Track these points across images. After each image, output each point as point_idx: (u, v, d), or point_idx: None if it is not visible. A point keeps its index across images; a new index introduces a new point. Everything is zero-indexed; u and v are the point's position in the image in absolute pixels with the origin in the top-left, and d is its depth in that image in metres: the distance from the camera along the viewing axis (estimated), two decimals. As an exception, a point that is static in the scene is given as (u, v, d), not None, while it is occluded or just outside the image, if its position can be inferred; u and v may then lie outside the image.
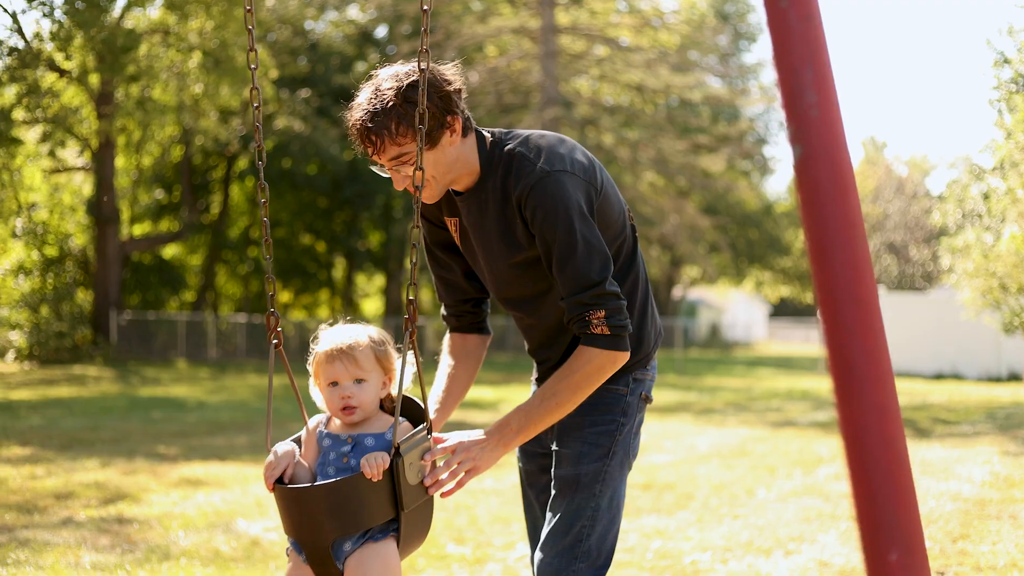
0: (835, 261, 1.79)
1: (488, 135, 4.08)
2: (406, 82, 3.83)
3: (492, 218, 4.06)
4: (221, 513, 9.94)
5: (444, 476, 3.85)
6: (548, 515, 4.15)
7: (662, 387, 29.87)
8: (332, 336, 3.96)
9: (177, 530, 9.09)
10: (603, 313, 3.86)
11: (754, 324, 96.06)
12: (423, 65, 3.53)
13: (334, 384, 3.89)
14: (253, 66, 3.92)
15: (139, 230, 51.32)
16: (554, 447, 4.21)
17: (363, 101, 3.87)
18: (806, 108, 1.83)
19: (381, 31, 51.88)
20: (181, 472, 12.52)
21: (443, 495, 3.87)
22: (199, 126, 38.16)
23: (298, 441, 3.99)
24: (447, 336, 4.51)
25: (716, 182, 48.51)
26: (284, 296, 57.62)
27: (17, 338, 38.81)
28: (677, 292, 78.51)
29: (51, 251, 40.82)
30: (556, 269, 3.91)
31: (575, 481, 4.09)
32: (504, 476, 11.91)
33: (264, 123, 44.37)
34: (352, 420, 3.88)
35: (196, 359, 42.60)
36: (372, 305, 63.61)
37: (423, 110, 3.64)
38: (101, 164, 39.90)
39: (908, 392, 27.08)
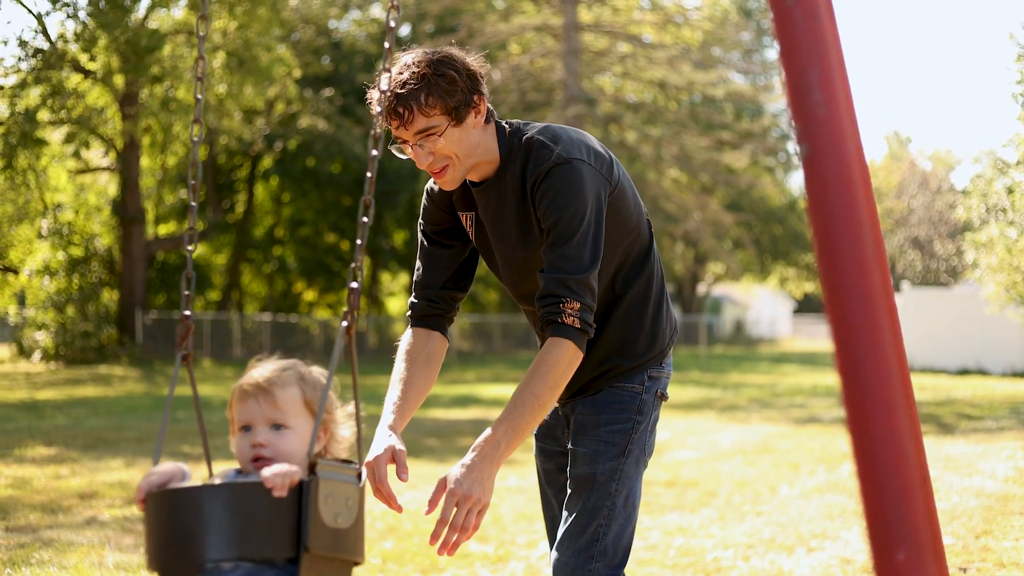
0: (842, 258, 1.79)
1: (507, 125, 4.07)
2: (437, 57, 3.85)
3: (511, 208, 4.05)
4: (244, 512, 9.95)
5: (450, 532, 3.60)
6: (564, 514, 4.14)
7: (686, 384, 29.85)
8: (254, 370, 3.14)
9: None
10: (578, 305, 3.79)
11: (779, 320, 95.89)
12: (388, 66, 3.44)
13: (246, 429, 3.05)
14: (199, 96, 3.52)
15: (164, 230, 51.45)
16: (570, 446, 4.20)
17: (393, 73, 3.84)
18: (813, 106, 1.83)
19: (404, 29, 51.90)
20: (204, 472, 12.52)
21: (451, 549, 3.60)
22: (223, 126, 38.26)
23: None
24: (408, 333, 4.33)
25: (740, 178, 48.42)
26: (309, 295, 57.73)
27: (43, 338, 38.98)
28: (701, 289, 78.42)
29: (77, 251, 40.93)
30: (550, 243, 3.85)
31: (591, 480, 4.07)
32: (528, 474, 11.93)
33: (288, 122, 44.79)
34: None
35: (221, 358, 42.71)
36: (397, 303, 63.64)
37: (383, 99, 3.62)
38: (126, 164, 40.03)
39: (932, 388, 27.00)
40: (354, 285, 2.98)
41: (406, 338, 4.31)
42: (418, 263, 4.36)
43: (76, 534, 8.86)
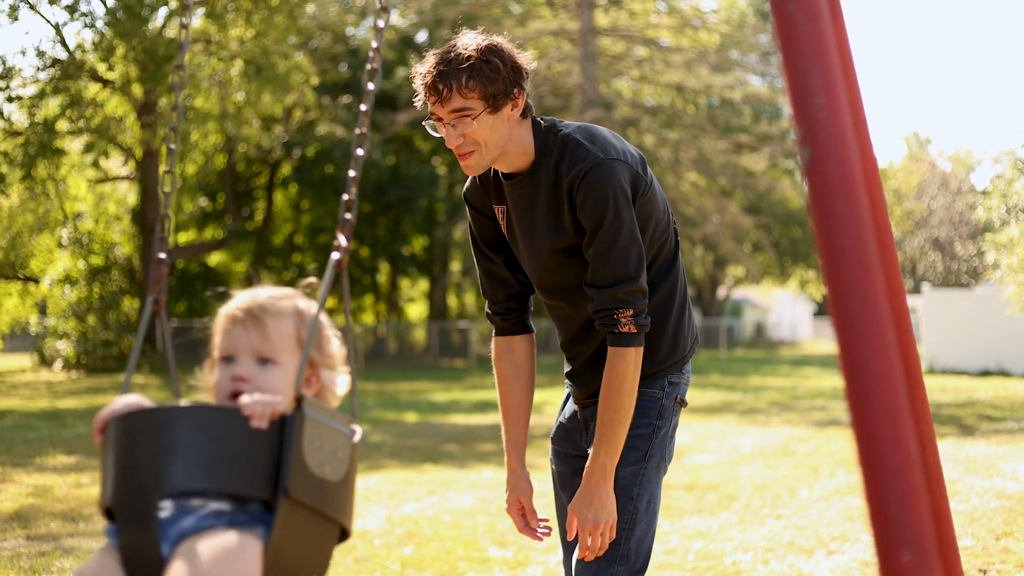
0: (845, 261, 1.80)
1: (543, 122, 4.11)
2: (486, 44, 3.91)
3: (542, 203, 4.09)
4: (264, 519, 9.98)
5: (591, 555, 3.97)
6: None
7: (706, 387, 29.82)
8: (242, 295, 2.78)
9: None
10: (631, 311, 3.91)
11: (799, 323, 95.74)
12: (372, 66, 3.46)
13: (228, 359, 2.69)
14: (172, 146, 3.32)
15: (184, 238, 51.59)
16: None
17: (440, 52, 3.94)
18: (815, 110, 1.84)
19: (421, 36, 51.95)
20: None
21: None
22: (241, 134, 38.31)
23: None
24: (494, 343, 4.50)
25: (758, 181, 48.32)
26: (329, 302, 57.77)
27: (64, 347, 39.11)
28: (721, 292, 78.34)
29: (97, 260, 41.07)
30: (595, 256, 3.94)
31: (613, 483, 4.09)
32: (547, 478, 11.91)
33: (306, 129, 44.88)
34: None
35: (243, 365, 42.76)
36: (417, 309, 63.75)
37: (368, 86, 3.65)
38: (145, 173, 40.14)
39: (953, 389, 26.93)
40: (348, 216, 2.77)
41: (493, 350, 4.52)
42: (479, 272, 4.47)
43: (97, 542, 8.89)
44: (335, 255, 2.68)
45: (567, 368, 4.44)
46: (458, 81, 3.84)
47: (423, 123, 4.06)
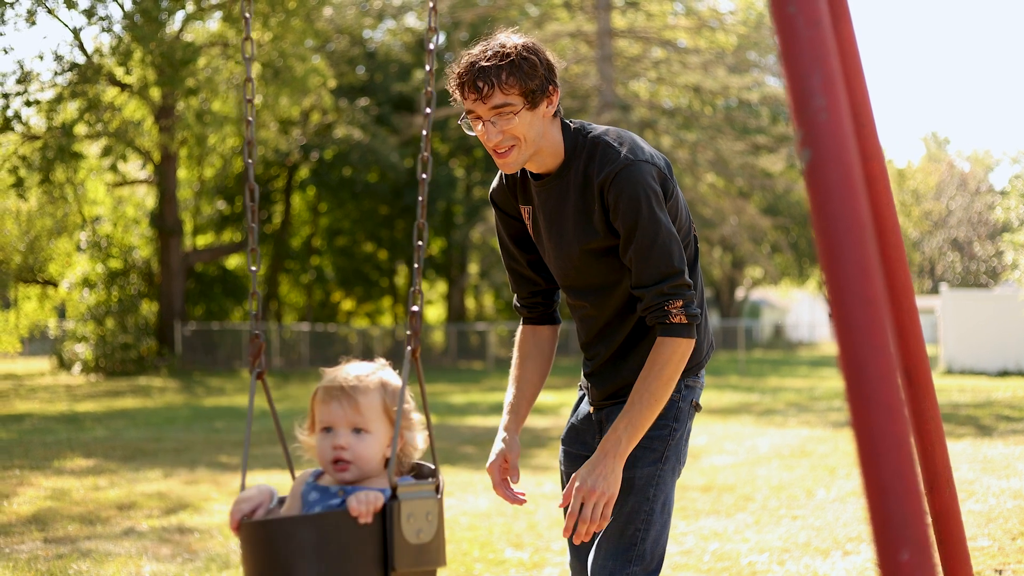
0: (845, 262, 1.81)
1: (572, 123, 4.16)
2: (522, 43, 3.97)
3: (572, 203, 4.13)
4: (281, 521, 10.00)
5: (586, 523, 3.90)
6: None
7: (724, 389, 29.79)
8: (336, 372, 3.23)
9: (237, 539, 9.15)
10: (681, 303, 3.95)
11: (818, 324, 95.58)
12: (427, 67, 3.55)
13: (327, 430, 3.17)
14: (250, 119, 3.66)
15: (202, 241, 51.76)
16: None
17: (477, 51, 3.98)
18: (815, 112, 1.85)
19: (439, 38, 52.03)
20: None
21: (583, 539, 3.93)
22: (259, 137, 38.41)
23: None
24: (519, 329, 4.59)
25: (776, 182, 48.25)
26: (347, 304, 57.91)
27: (83, 351, 39.23)
28: (740, 293, 78.28)
29: (115, 264, 41.21)
30: (637, 256, 3.98)
31: (629, 484, 4.11)
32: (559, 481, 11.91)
33: (324, 132, 44.93)
34: (344, 479, 3.13)
35: (260, 368, 42.84)
36: (435, 312, 63.82)
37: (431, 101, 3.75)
38: (163, 176, 40.31)
39: (972, 389, 26.85)
40: (415, 309, 3.07)
41: (517, 335, 4.60)
42: (507, 268, 4.57)
43: (114, 545, 8.92)
44: (408, 348, 3.07)
45: (586, 368, 4.47)
46: (498, 78, 3.89)
47: (459, 121, 4.10)
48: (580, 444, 4.45)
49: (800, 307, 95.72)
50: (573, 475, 3.98)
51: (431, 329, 54.34)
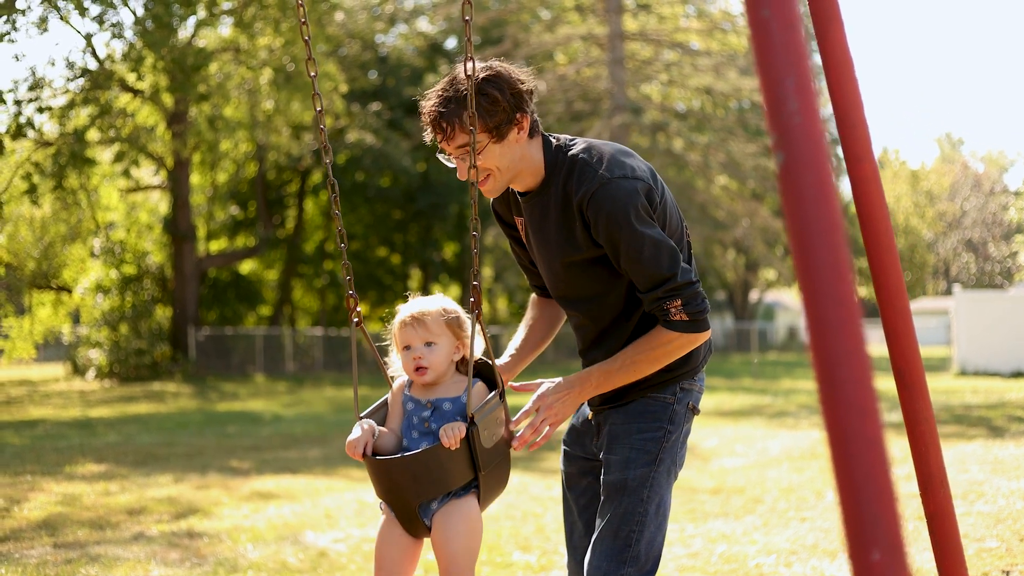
0: (818, 263, 1.82)
1: (553, 140, 4.21)
2: (482, 76, 3.99)
3: (553, 219, 4.18)
4: (290, 525, 10.04)
5: (528, 434, 4.13)
6: (597, 520, 4.24)
7: (737, 391, 29.80)
8: (406, 306, 4.31)
9: (246, 543, 9.19)
10: (679, 302, 4.00)
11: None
12: (468, 71, 3.61)
13: (407, 348, 4.21)
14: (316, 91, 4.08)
15: (215, 246, 51.82)
16: (602, 455, 4.27)
17: (438, 89, 4.03)
18: (788, 115, 1.86)
19: (451, 43, 52.06)
20: (253, 486, 12.65)
21: (530, 448, 4.17)
22: (272, 142, 38.47)
23: (382, 405, 4.35)
24: (532, 296, 4.77)
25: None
26: (361, 308, 57.83)
27: (97, 356, 39.30)
28: (754, 295, 78.21)
29: (129, 269, 41.29)
30: (629, 269, 4.04)
31: (623, 486, 4.15)
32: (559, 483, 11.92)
33: (336, 137, 44.92)
34: (425, 380, 4.19)
35: (274, 373, 42.95)
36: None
37: (472, 112, 3.80)
38: (176, 182, 40.38)
39: (985, 390, 26.79)
40: (476, 283, 3.98)
41: (531, 299, 4.82)
42: (518, 265, 4.75)
43: (123, 549, 8.95)
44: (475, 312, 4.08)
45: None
46: (460, 118, 3.95)
47: (437, 155, 4.19)
48: (579, 446, 4.49)
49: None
50: (542, 385, 4.22)
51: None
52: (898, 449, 12.27)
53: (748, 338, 56.41)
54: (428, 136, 4.10)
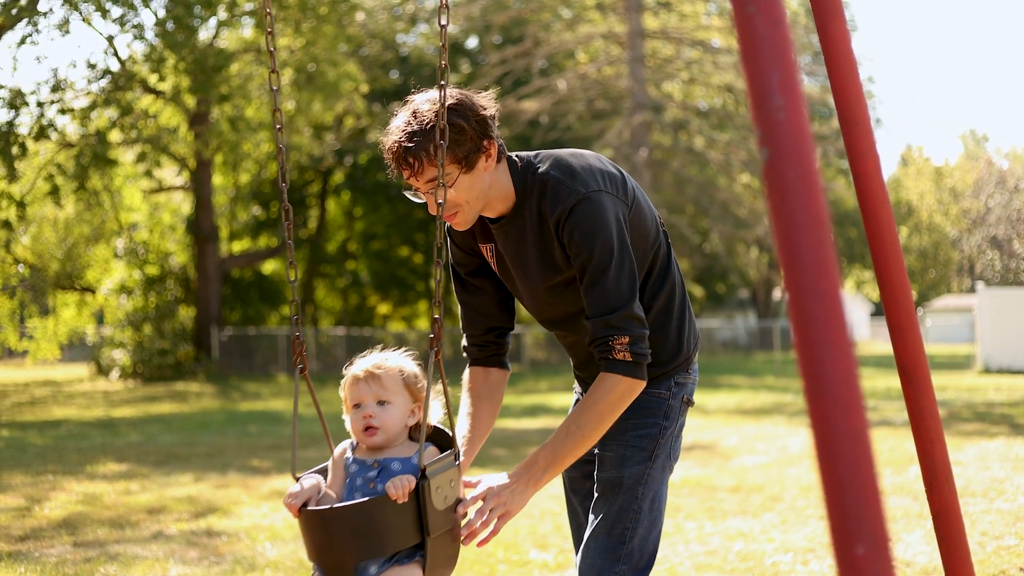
0: (803, 259, 1.83)
1: (517, 160, 4.09)
2: (450, 103, 3.84)
3: (531, 243, 4.08)
4: (308, 524, 10.04)
5: (477, 525, 3.78)
6: (591, 517, 4.20)
7: (759, 389, 29.74)
8: (360, 361, 3.92)
9: (264, 542, 9.21)
10: (627, 339, 3.87)
11: (856, 324, 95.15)
12: (442, 82, 3.54)
13: (357, 406, 3.84)
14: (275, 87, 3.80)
15: (238, 247, 51.94)
16: (596, 451, 4.24)
17: (401, 123, 3.87)
18: (773, 111, 1.87)
19: (472, 42, 52.10)
20: (272, 485, 12.67)
21: (479, 544, 3.82)
22: (293, 142, 38.56)
23: (324, 472, 3.94)
24: (467, 372, 4.46)
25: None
26: (383, 308, 57.97)
27: (121, 357, 39.45)
28: (776, 294, 78.03)
29: (152, 270, 41.46)
30: (586, 287, 3.92)
31: (618, 483, 4.13)
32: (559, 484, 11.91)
33: (357, 137, 45.00)
34: (374, 442, 3.79)
35: (297, 373, 42.96)
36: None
37: (443, 124, 3.63)
38: (199, 183, 40.50)
39: (1008, 388, 26.72)
40: (436, 317, 3.54)
41: (466, 376, 4.48)
42: (460, 307, 4.46)
43: (142, 548, 8.98)
44: (432, 350, 3.60)
45: (580, 372, 4.50)
46: (427, 151, 3.79)
47: (403, 191, 4.01)
48: None
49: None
50: (487, 481, 3.93)
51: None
52: (909, 446, 12.22)
53: (771, 336, 56.30)
54: (393, 173, 3.92)
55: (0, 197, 31.09)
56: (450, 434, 3.82)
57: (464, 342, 4.47)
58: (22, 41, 30.66)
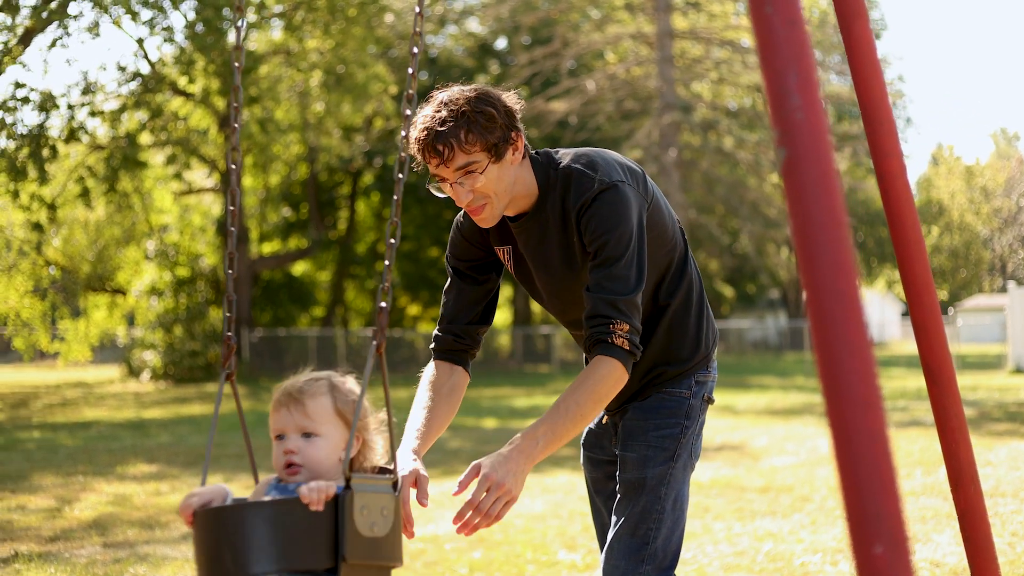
0: (821, 259, 1.83)
1: (538, 156, 4.07)
2: (475, 95, 3.84)
3: (554, 239, 4.06)
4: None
5: (481, 515, 3.60)
6: (613, 518, 4.19)
7: (789, 389, 29.67)
8: (286, 382, 3.24)
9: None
10: (627, 327, 3.81)
11: (887, 324, 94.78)
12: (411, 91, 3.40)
13: (280, 437, 3.15)
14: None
15: (268, 248, 52.07)
16: (618, 451, 4.24)
17: (429, 113, 3.86)
18: (791, 111, 1.87)
19: (501, 43, 52.12)
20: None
21: (470, 531, 3.62)
22: (323, 144, 38.61)
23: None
24: (431, 365, 4.29)
25: (842, 181, 47.94)
26: (413, 309, 58.00)
27: (152, 358, 39.61)
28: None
29: (183, 272, 41.59)
30: (596, 264, 3.86)
31: (641, 484, 4.12)
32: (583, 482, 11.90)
33: (387, 138, 45.07)
34: (298, 481, 3.09)
35: (327, 374, 43.04)
36: (500, 315, 63.86)
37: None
38: (229, 185, 40.59)
39: (1038, 388, 26.64)
40: (383, 305, 3.04)
41: (429, 370, 4.28)
42: (446, 296, 4.37)
43: (172, 549, 9.02)
44: (374, 343, 3.04)
45: None
46: (457, 138, 3.77)
47: (427, 186, 3.98)
48: (599, 448, 4.48)
49: (869, 307, 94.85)
50: (480, 461, 3.70)
51: (497, 333, 54.33)
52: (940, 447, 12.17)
53: (801, 337, 56.06)
54: (419, 166, 3.88)
55: (31, 200, 31.19)
56: (392, 468, 3.19)
57: (437, 331, 4.33)
58: (52, 44, 30.76)
